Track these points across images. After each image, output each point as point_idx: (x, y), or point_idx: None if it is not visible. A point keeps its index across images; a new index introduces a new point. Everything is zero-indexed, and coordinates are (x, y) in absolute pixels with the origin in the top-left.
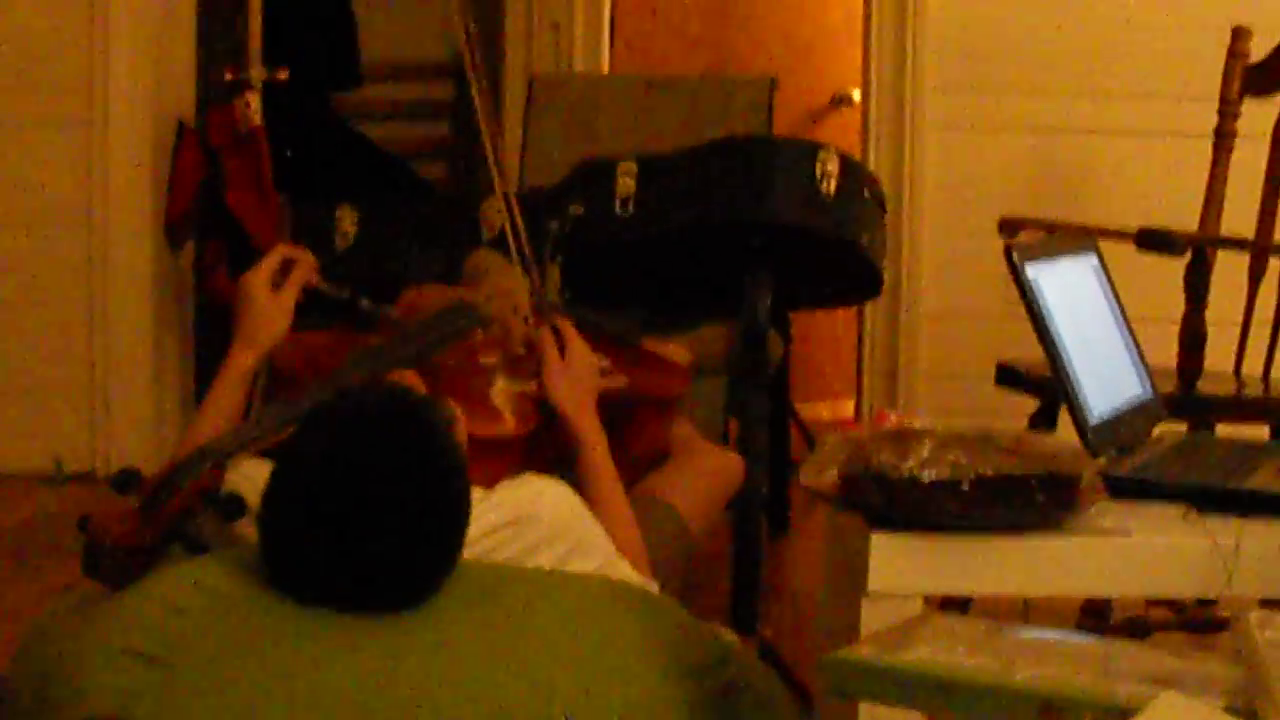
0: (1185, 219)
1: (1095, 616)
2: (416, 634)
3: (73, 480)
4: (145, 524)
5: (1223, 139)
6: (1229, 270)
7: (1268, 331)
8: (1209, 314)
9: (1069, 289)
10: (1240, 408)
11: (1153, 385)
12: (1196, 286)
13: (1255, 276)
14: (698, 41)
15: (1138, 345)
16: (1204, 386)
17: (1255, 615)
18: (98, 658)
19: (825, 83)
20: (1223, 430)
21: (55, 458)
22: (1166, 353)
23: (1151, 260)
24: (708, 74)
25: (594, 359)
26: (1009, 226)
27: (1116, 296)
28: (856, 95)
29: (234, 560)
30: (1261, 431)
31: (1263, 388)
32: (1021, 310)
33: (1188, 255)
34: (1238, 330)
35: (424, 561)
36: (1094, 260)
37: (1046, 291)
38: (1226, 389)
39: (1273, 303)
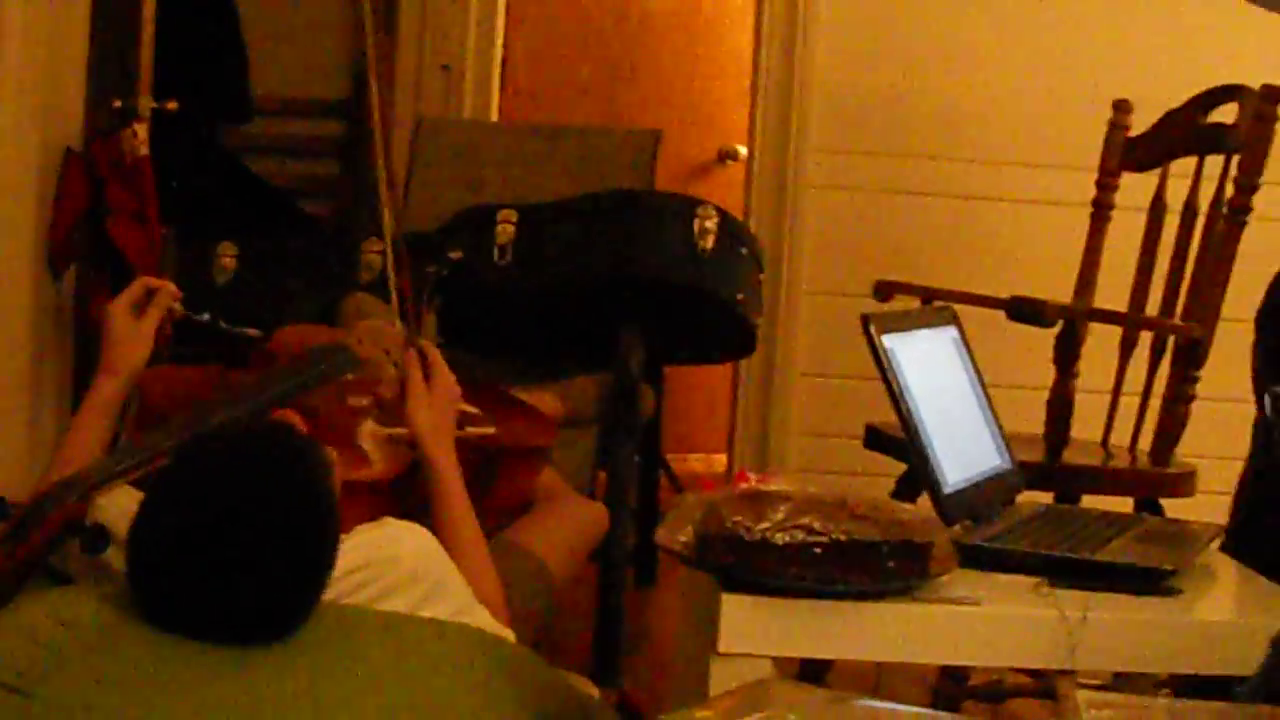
0: (1061, 286)
1: (953, 680)
2: (271, 671)
3: None
4: (9, 553)
5: (1100, 210)
6: (1101, 340)
7: (1137, 402)
8: (1080, 383)
9: (927, 360)
10: (1104, 479)
11: (1011, 456)
12: (1065, 357)
13: (1126, 348)
14: (587, 91)
15: (996, 417)
16: (1071, 456)
17: (1083, 695)
18: None
19: (713, 137)
20: (1089, 501)
21: None
22: (1035, 421)
23: (1022, 329)
24: (593, 125)
25: (457, 389)
26: (884, 289)
27: (976, 369)
28: (744, 151)
29: (96, 593)
30: (1127, 503)
31: (1129, 458)
32: None
33: (1059, 325)
34: (1108, 400)
35: (290, 599)
36: (953, 333)
37: (903, 362)
38: (1092, 459)
39: (1143, 374)
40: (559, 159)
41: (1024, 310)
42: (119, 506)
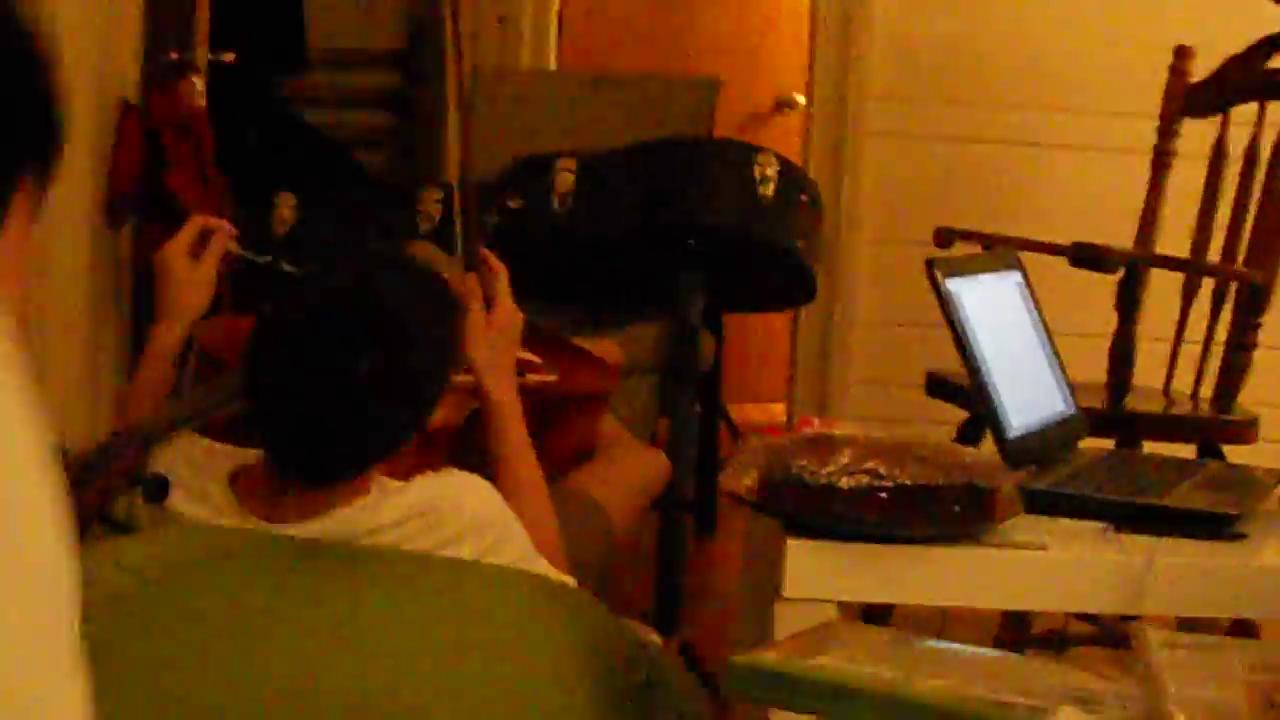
0: (1123, 234)
1: (1015, 628)
2: (334, 613)
3: None
4: (70, 503)
5: (1161, 157)
6: (1163, 288)
7: (1198, 350)
8: (1142, 330)
9: (991, 305)
10: (1166, 425)
11: (1075, 401)
12: (1128, 304)
13: (1188, 295)
14: (644, 39)
15: (1061, 362)
16: (1132, 403)
17: (1155, 633)
18: None
19: (770, 86)
20: (1151, 448)
21: None
22: (1097, 368)
23: (1085, 276)
24: (651, 73)
25: (518, 318)
26: (944, 237)
27: (1040, 314)
28: (801, 99)
29: (158, 539)
30: (1189, 449)
31: (1190, 405)
32: None
33: (1120, 272)
34: (1170, 348)
35: (372, 424)
36: (1018, 277)
37: (967, 306)
38: (1154, 406)
39: (1205, 322)
40: (617, 108)
41: (1086, 256)
42: (186, 451)
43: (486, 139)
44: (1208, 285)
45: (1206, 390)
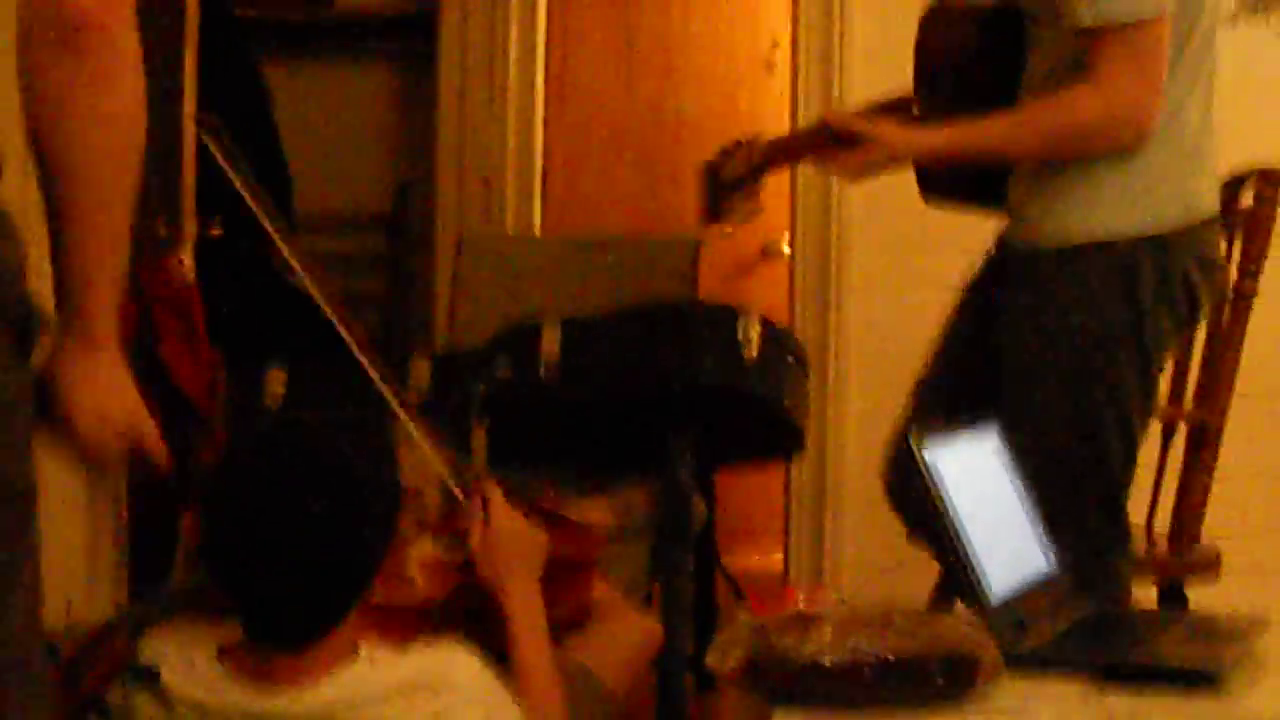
0: None
1: None
2: None
3: None
4: (63, 696)
5: None
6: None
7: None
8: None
9: (970, 471)
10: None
11: (1056, 559)
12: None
13: (1165, 436)
14: (628, 196)
15: (1039, 522)
16: None
17: None
18: None
19: (756, 234)
20: None
21: None
22: None
23: None
24: (632, 234)
25: (525, 526)
26: None
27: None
28: (786, 246)
29: None
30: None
31: (1145, 542)
32: None
33: None
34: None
35: (327, 583)
36: (994, 440)
37: (947, 475)
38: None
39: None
40: (601, 270)
41: None
42: (170, 635)
43: (473, 304)
44: (1184, 427)
45: (1162, 525)
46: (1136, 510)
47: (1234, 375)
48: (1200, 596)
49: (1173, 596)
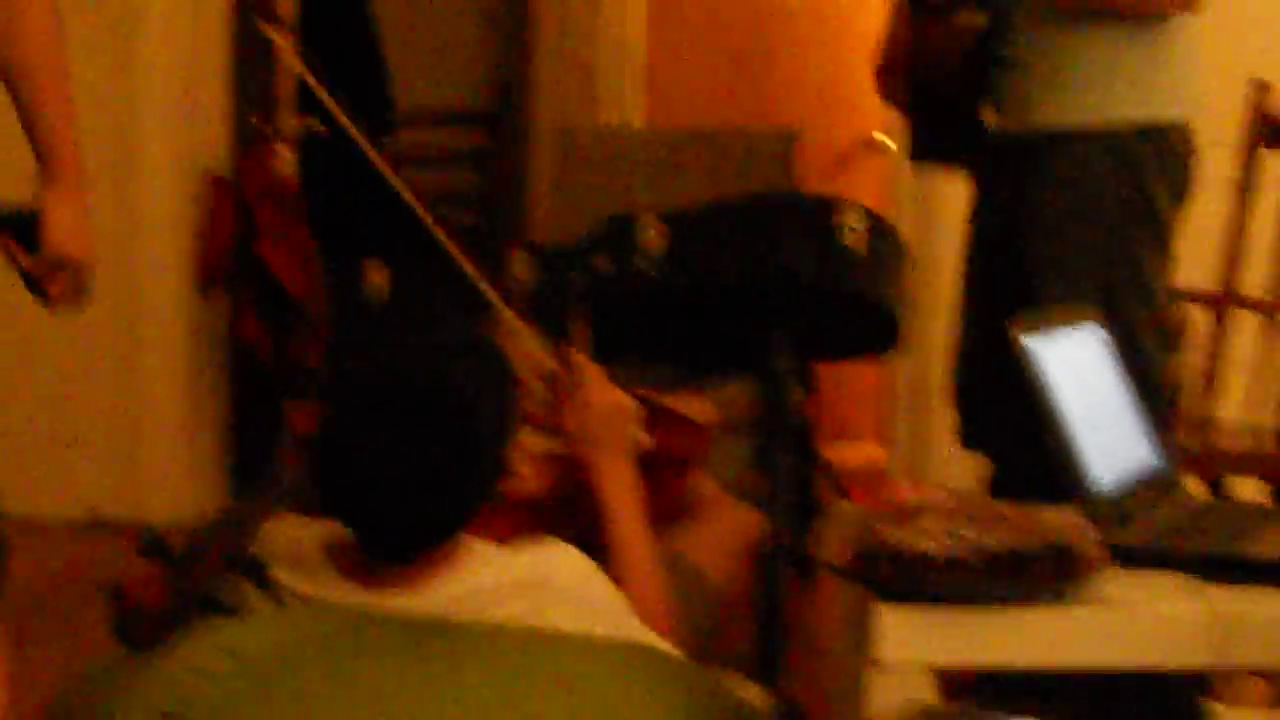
0: (1204, 266)
1: None
2: (432, 692)
3: (107, 529)
4: (174, 588)
5: (1241, 190)
6: (1249, 322)
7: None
8: (1228, 366)
9: (1073, 361)
10: (1245, 463)
11: (1163, 451)
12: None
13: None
14: (728, 88)
15: (1146, 411)
16: (1217, 439)
17: (1228, 714)
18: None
19: (855, 128)
20: (1238, 483)
21: (90, 507)
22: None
23: None
24: (729, 127)
25: (618, 401)
26: None
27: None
28: (889, 141)
29: (261, 623)
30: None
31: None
32: None
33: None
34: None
35: (446, 494)
36: (1100, 332)
37: (1048, 363)
38: (1241, 443)
39: None
40: (700, 162)
41: None
42: (283, 531)
43: (573, 197)
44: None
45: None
46: (1233, 407)
47: None
48: None
49: None
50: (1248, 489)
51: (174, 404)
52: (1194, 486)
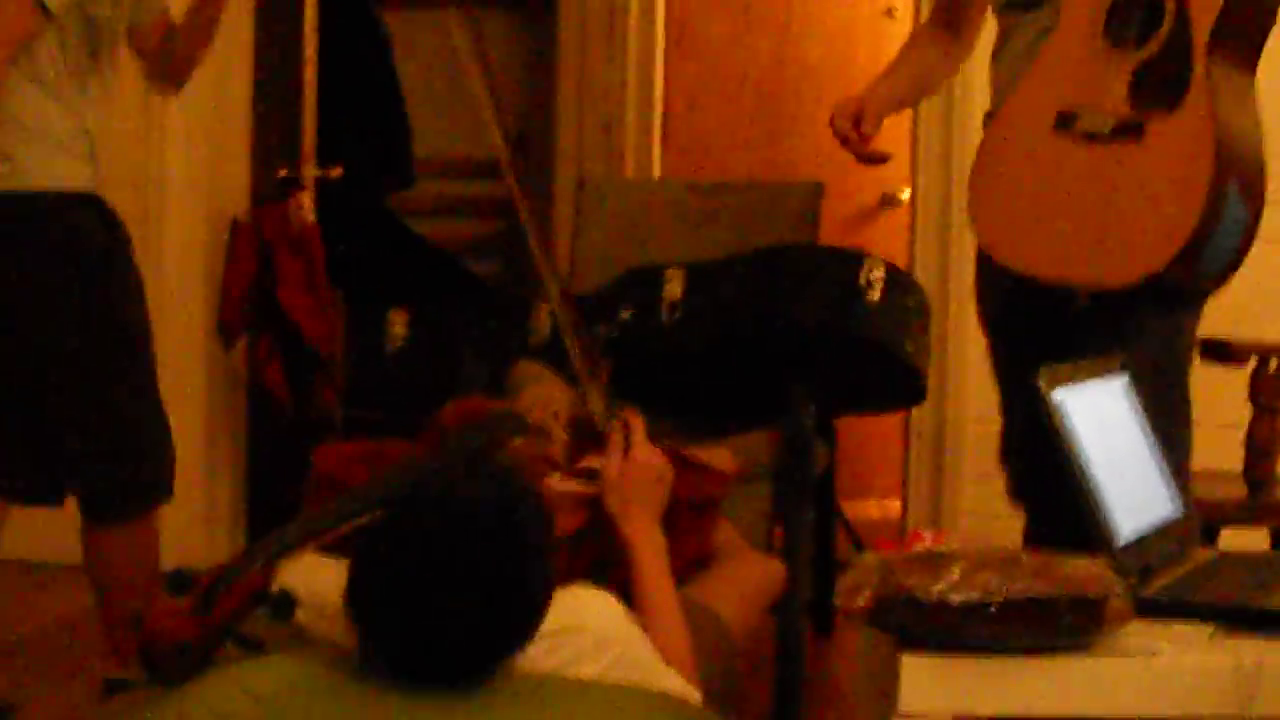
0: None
1: None
2: None
3: None
4: (198, 622)
5: None
6: None
7: None
8: None
9: (1097, 412)
10: None
11: (1184, 502)
12: (1260, 394)
13: None
14: (748, 143)
15: (1170, 464)
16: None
17: None
18: None
19: (874, 182)
20: None
21: None
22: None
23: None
24: (755, 179)
25: (660, 464)
26: None
27: (1147, 417)
28: (905, 195)
29: (282, 664)
30: None
31: None
32: None
33: (1252, 363)
34: None
35: (503, 637)
36: (1123, 380)
37: (1074, 415)
38: None
39: None
40: (722, 215)
41: (1214, 350)
42: (305, 571)
43: (593, 248)
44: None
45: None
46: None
47: None
48: None
49: None
50: None
51: (193, 450)
52: (1260, 541)
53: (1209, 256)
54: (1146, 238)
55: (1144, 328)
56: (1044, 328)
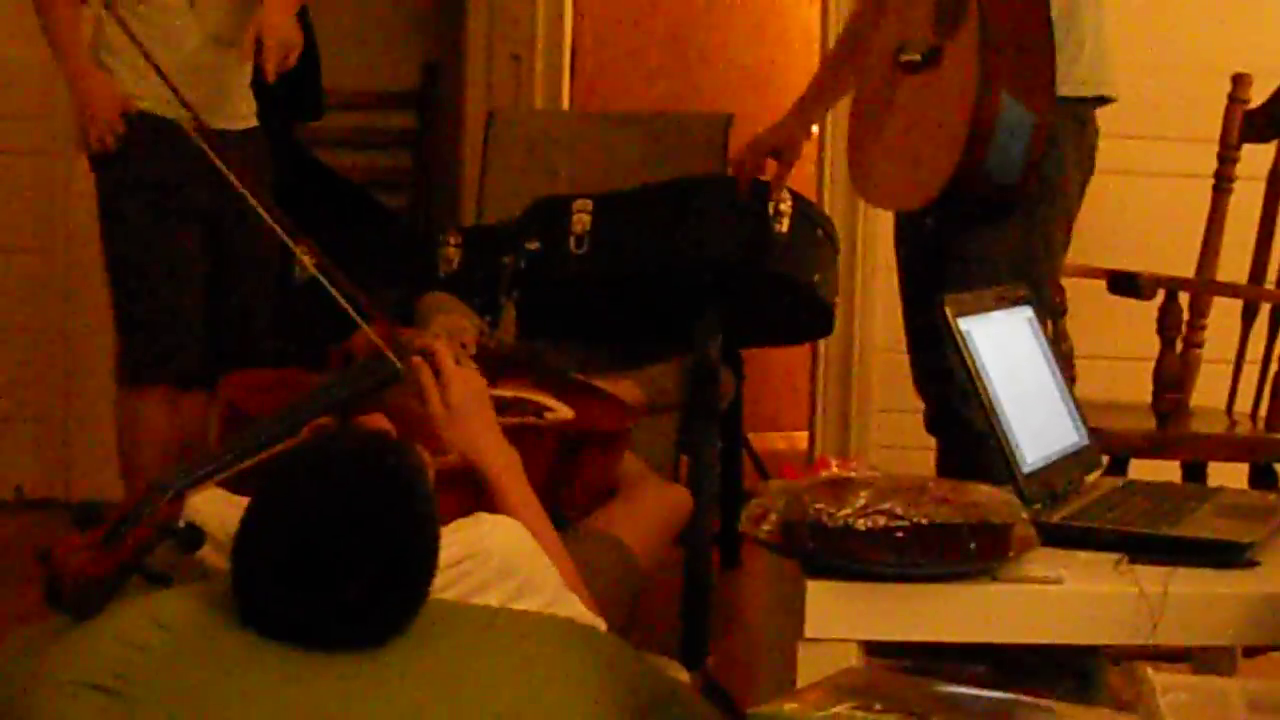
0: (1185, 259)
1: None
2: (368, 669)
3: (33, 507)
4: (106, 555)
5: (1222, 182)
6: (1226, 310)
7: (1258, 370)
8: (1205, 353)
9: (1002, 341)
10: (1209, 445)
11: (1087, 431)
12: (1166, 328)
13: (1248, 317)
14: (657, 75)
15: (1072, 394)
16: (1195, 424)
17: (1157, 676)
18: (57, 691)
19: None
20: (1214, 468)
21: (16, 485)
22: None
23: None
24: (664, 111)
25: (476, 380)
26: None
27: (1052, 348)
28: (815, 127)
29: (192, 594)
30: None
31: (1250, 426)
32: None
33: (1160, 297)
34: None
35: (396, 603)
36: (1028, 312)
37: (979, 344)
38: (1216, 427)
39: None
40: (631, 146)
41: (1121, 283)
42: (211, 506)
43: (502, 179)
44: (1267, 306)
45: (1241, 406)
46: (1218, 392)
47: None
48: None
49: (1262, 477)
50: (1225, 473)
51: (105, 383)
52: (1173, 471)
53: (997, 163)
54: (936, 156)
55: (983, 242)
56: (930, 257)
